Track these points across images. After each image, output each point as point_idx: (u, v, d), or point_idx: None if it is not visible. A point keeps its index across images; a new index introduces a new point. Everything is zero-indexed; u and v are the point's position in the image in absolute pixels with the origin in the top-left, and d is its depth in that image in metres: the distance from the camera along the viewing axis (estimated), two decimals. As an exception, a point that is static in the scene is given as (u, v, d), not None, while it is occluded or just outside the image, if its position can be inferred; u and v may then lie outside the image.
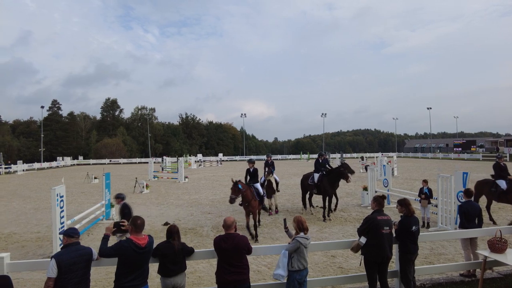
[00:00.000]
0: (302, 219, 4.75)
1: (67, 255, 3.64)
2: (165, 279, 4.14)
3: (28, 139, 74.52)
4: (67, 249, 3.72)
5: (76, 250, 3.74)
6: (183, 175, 26.30)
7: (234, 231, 4.39)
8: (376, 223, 4.81)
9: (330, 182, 11.48)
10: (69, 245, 3.77)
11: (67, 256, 3.62)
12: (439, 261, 7.18)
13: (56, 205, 7.63)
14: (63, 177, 14.20)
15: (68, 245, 3.77)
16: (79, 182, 26.62)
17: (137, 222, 3.99)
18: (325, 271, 6.77)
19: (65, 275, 3.55)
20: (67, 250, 3.72)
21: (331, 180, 11.51)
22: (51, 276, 3.52)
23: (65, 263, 3.56)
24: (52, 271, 3.52)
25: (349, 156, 73.04)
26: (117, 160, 67.09)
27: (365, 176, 22.60)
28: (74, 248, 3.74)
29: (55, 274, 3.51)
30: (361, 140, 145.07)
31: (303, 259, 4.54)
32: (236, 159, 73.44)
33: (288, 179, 26.05)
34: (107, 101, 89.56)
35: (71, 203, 15.09)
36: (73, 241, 3.82)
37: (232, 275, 4.13)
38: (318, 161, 12.21)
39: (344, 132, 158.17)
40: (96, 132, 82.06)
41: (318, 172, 11.93)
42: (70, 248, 3.74)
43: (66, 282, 3.56)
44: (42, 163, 52.05)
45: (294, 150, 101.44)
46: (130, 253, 3.79)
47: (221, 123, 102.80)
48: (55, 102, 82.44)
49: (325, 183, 11.50)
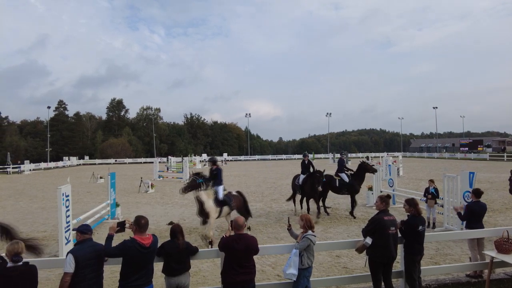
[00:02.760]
0: (309, 218, 4.78)
1: (83, 251, 3.67)
2: (170, 278, 4.16)
3: (35, 139, 75.29)
4: (82, 245, 3.77)
5: (91, 246, 3.79)
6: (188, 175, 26.36)
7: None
8: (383, 223, 4.78)
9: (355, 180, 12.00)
10: (83, 241, 3.81)
11: (83, 251, 3.66)
12: (445, 261, 7.12)
13: (62, 205, 7.69)
14: (69, 176, 14.32)
15: (83, 241, 3.81)
16: (84, 182, 26.81)
17: (141, 221, 3.98)
18: (330, 271, 6.75)
19: (82, 270, 3.58)
20: (82, 245, 3.76)
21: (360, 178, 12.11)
22: (69, 271, 3.53)
23: (82, 258, 3.59)
24: (70, 266, 3.53)
25: (354, 156, 72.66)
26: (122, 160, 67.47)
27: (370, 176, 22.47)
28: (89, 244, 3.80)
29: (72, 269, 3.53)
30: (366, 140, 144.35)
31: (311, 256, 4.62)
32: (240, 159, 73.48)
33: (292, 179, 25.96)
34: (113, 101, 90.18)
35: (77, 203, 15.20)
36: (86, 237, 3.86)
37: (241, 276, 4.14)
38: (303, 162, 12.10)
39: (349, 132, 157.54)
40: (102, 132, 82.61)
41: (304, 174, 11.85)
42: (85, 244, 3.78)
43: (83, 277, 3.58)
44: (49, 163, 52.55)
45: (299, 150, 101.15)
46: (134, 253, 3.79)
47: (225, 123, 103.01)
48: (61, 103, 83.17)
49: (308, 185, 11.41)
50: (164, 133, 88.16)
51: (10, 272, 3.28)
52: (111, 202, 12.04)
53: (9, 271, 3.29)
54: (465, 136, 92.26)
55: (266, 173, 32.82)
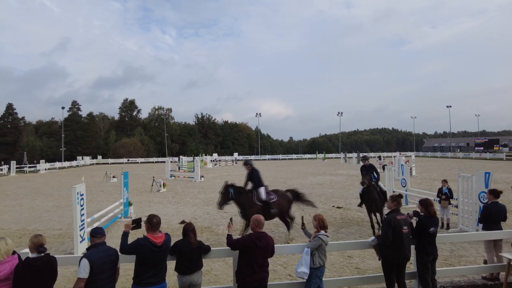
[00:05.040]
0: (323, 218, 4.77)
1: (97, 255, 3.63)
2: (182, 277, 4.20)
3: (50, 139, 76.76)
4: (96, 249, 3.71)
5: (104, 250, 3.74)
6: (199, 174, 26.56)
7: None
8: (397, 222, 4.73)
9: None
10: (97, 245, 3.76)
11: (97, 256, 3.62)
12: (459, 263, 6.99)
13: (76, 203, 7.83)
14: (83, 176, 14.58)
15: (96, 245, 3.76)
16: (98, 181, 27.24)
17: (153, 220, 4.03)
18: (342, 271, 6.71)
19: (96, 276, 3.56)
20: (96, 250, 3.71)
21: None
22: (83, 277, 3.51)
23: (97, 263, 3.56)
24: (84, 271, 3.51)
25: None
26: (134, 159, 68.29)
27: (382, 176, 22.20)
28: (102, 248, 3.75)
29: (87, 275, 3.51)
30: (378, 139, 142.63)
31: (323, 255, 4.60)
32: (251, 158, 73.53)
33: (303, 179, 25.92)
34: (125, 101, 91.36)
35: (91, 202, 15.46)
36: (98, 241, 3.80)
37: (257, 274, 4.14)
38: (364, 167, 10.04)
39: (361, 131, 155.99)
40: (115, 132, 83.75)
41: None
42: (98, 248, 3.73)
43: (95, 283, 3.56)
44: (63, 163, 53.59)
45: (310, 149, 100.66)
46: (146, 251, 3.84)
47: (236, 122, 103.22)
48: (75, 103, 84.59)
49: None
50: (176, 133, 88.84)
51: (33, 262, 3.45)
52: (124, 201, 12.21)
53: (33, 261, 3.46)
54: (480, 135, 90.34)
55: (277, 173, 32.75)
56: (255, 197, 8.25)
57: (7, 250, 3.55)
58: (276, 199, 8.39)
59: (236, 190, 8.25)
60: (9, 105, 77.02)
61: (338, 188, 20.08)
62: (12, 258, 3.57)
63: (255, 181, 8.47)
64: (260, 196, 8.24)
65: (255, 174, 8.57)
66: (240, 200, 8.23)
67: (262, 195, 8.26)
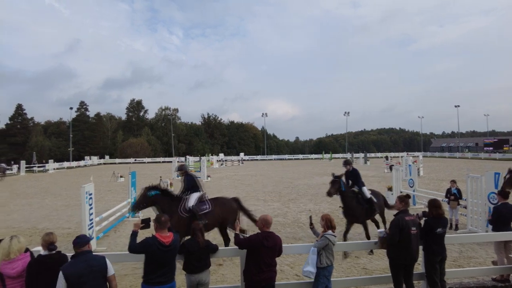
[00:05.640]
0: (330, 218, 4.77)
1: (75, 267, 3.36)
2: (190, 276, 4.23)
3: (58, 139, 77.56)
4: (75, 260, 3.45)
5: (84, 261, 3.42)
6: (206, 174, 26.65)
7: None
8: (405, 223, 4.70)
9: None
10: (78, 255, 3.48)
11: (74, 267, 3.36)
12: (469, 264, 6.92)
13: (85, 203, 7.93)
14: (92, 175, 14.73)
15: (77, 255, 3.50)
16: (105, 181, 27.48)
17: (161, 219, 4.08)
18: (349, 271, 6.68)
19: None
20: (75, 260, 3.44)
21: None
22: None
23: (73, 275, 3.30)
24: (60, 285, 3.29)
25: (373, 156, 71.58)
26: (141, 159, 68.73)
27: (389, 176, 22.10)
28: (83, 258, 3.44)
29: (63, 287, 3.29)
30: (385, 139, 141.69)
31: (331, 255, 4.60)
32: (257, 158, 73.54)
33: (310, 179, 25.85)
34: (132, 102, 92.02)
35: (99, 201, 15.60)
36: (78, 251, 3.51)
37: (264, 274, 4.16)
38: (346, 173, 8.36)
39: (368, 131, 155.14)
40: (122, 132, 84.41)
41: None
42: (79, 258, 3.45)
43: None
44: (71, 162, 54.18)
45: (316, 149, 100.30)
46: (154, 250, 3.88)
47: (242, 123, 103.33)
48: (82, 104, 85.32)
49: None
50: (182, 133, 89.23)
51: (45, 259, 3.56)
52: (132, 201, 12.29)
53: (44, 258, 3.57)
54: (490, 135, 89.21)
55: (283, 173, 32.72)
56: (182, 205, 6.92)
57: (20, 248, 3.62)
58: (210, 209, 7.06)
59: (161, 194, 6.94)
60: (18, 105, 77.94)
61: (345, 188, 19.98)
62: (25, 256, 3.64)
63: (188, 187, 7.34)
64: (187, 204, 6.93)
65: (189, 179, 7.46)
66: (162, 207, 6.81)
67: (190, 203, 6.93)
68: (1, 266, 3.51)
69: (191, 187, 7.33)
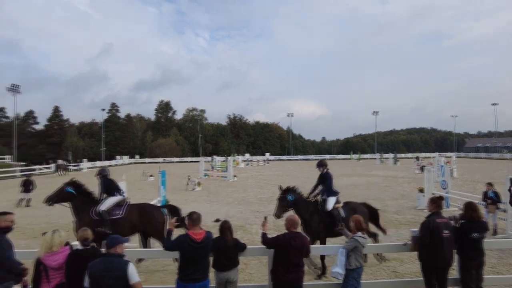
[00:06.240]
0: (360, 219, 4.69)
1: (96, 266, 3.41)
2: (219, 273, 4.30)
3: (91, 139, 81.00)
4: (100, 260, 3.48)
5: (106, 263, 3.42)
6: (232, 173, 26.92)
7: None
8: (436, 225, 4.54)
9: None
10: (105, 255, 3.56)
11: (96, 267, 3.40)
12: (509, 271, 6.57)
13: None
14: (124, 174, 15.25)
15: (104, 255, 3.58)
16: (136, 180, 28.36)
17: (193, 216, 4.20)
18: (378, 274, 6.54)
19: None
20: (100, 260, 3.48)
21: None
22: (84, 286, 3.43)
23: (94, 274, 3.37)
24: (86, 280, 3.41)
25: (403, 156, 69.33)
26: (170, 159, 70.45)
27: (420, 178, 21.35)
28: (106, 260, 3.46)
29: (87, 284, 3.41)
30: (415, 139, 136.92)
31: (360, 257, 4.52)
32: (283, 158, 73.32)
33: (337, 180, 25.37)
34: (161, 103, 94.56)
35: (129, 199, 16.12)
36: (109, 251, 3.53)
37: (292, 274, 4.17)
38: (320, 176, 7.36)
39: (398, 131, 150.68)
40: (151, 133, 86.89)
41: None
42: (104, 259, 3.49)
43: None
44: (103, 162, 56.41)
45: (343, 149, 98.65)
46: (186, 247, 3.98)
47: (267, 123, 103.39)
48: (114, 105, 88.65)
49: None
50: (209, 133, 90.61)
51: (81, 253, 3.79)
52: (162, 199, 12.63)
53: (81, 252, 3.80)
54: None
55: (309, 173, 32.40)
56: (94, 207, 6.68)
57: (61, 241, 3.87)
58: (121, 216, 6.73)
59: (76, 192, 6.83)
60: (55, 108, 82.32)
61: (374, 189, 19.54)
62: (65, 249, 3.88)
63: (103, 190, 7.17)
64: (98, 208, 6.66)
65: (105, 182, 7.29)
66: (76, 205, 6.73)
67: (102, 207, 6.68)
68: (44, 258, 3.77)
69: (107, 190, 7.13)
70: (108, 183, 7.28)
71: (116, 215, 6.73)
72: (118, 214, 6.74)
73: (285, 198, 6.48)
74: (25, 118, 78.97)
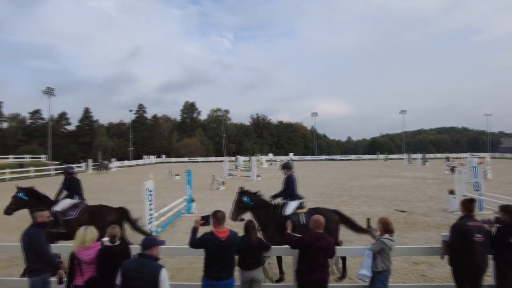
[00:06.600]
0: (388, 221, 4.59)
1: (129, 265, 3.44)
2: (244, 272, 4.35)
3: (119, 139, 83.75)
4: (134, 260, 3.54)
5: (139, 264, 3.39)
6: (256, 173, 27.02)
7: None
8: (467, 229, 4.36)
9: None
10: (139, 256, 3.53)
11: (128, 266, 3.43)
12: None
13: (145, 199, 8.49)
14: (152, 173, 15.69)
15: (139, 255, 3.54)
16: (162, 179, 29.04)
17: (218, 214, 4.26)
18: (406, 277, 6.37)
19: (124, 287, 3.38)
20: (133, 260, 3.53)
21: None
22: (116, 283, 3.44)
23: (126, 273, 3.38)
24: (118, 277, 3.43)
25: (432, 157, 66.91)
26: (195, 158, 71.62)
27: (450, 179, 20.56)
28: (139, 261, 3.43)
29: (119, 282, 3.42)
30: (445, 139, 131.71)
31: (387, 260, 4.43)
32: (307, 158, 72.69)
33: (363, 181, 24.98)
34: (186, 104, 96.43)
35: (156, 198, 16.45)
36: (144, 252, 3.47)
37: (317, 274, 4.16)
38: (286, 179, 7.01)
39: (426, 131, 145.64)
40: (177, 133, 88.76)
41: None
42: (137, 259, 3.49)
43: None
44: (131, 161, 58.18)
45: (370, 150, 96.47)
46: (211, 245, 4.05)
47: (291, 122, 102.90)
48: (141, 106, 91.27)
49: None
50: (232, 133, 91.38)
51: (110, 249, 3.99)
52: (188, 198, 12.89)
53: (110, 248, 4.01)
54: None
55: (334, 174, 32.01)
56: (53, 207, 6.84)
57: (92, 237, 4.08)
58: (74, 217, 6.84)
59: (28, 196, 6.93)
60: (86, 109, 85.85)
61: (402, 191, 19.01)
62: (96, 245, 4.08)
63: (63, 187, 7.27)
64: (53, 208, 6.78)
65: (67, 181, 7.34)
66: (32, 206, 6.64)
67: (57, 207, 6.85)
68: (78, 252, 4.00)
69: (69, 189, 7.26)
70: (71, 182, 7.37)
71: (70, 215, 6.91)
72: (71, 215, 6.92)
73: (241, 200, 6.31)
74: (58, 119, 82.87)
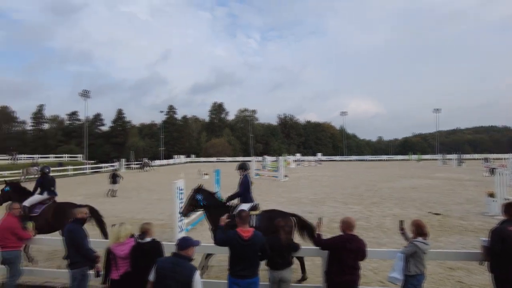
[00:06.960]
0: (421, 224, 4.43)
1: (163, 263, 3.47)
2: (273, 272, 4.36)
3: (151, 139, 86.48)
4: (168, 258, 3.54)
5: (174, 264, 3.38)
6: (283, 173, 26.93)
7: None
8: (508, 234, 4.13)
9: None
10: (174, 255, 3.49)
11: (163, 264, 3.46)
12: None
13: (176, 197, 8.70)
14: (182, 172, 16.08)
15: (174, 254, 3.50)
16: (191, 178, 29.61)
17: (242, 214, 4.31)
18: (441, 283, 6.12)
19: (157, 285, 3.41)
20: (168, 259, 3.55)
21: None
22: (149, 280, 3.49)
23: (160, 271, 3.41)
24: (152, 273, 3.47)
25: (469, 157, 63.66)
26: (223, 158, 72.58)
27: (490, 181, 19.51)
28: (174, 261, 3.41)
29: (152, 278, 3.46)
30: (484, 138, 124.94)
31: (420, 264, 4.28)
32: (335, 159, 71.54)
33: (395, 182, 24.23)
34: (215, 105, 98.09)
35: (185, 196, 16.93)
36: (179, 252, 3.45)
37: (346, 276, 4.11)
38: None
39: (462, 130, 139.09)
40: (206, 133, 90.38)
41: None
42: (172, 258, 3.47)
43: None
44: (162, 160, 59.86)
45: (401, 150, 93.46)
46: (235, 244, 4.10)
47: (319, 122, 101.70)
48: (171, 107, 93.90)
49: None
50: (259, 133, 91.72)
51: (142, 245, 4.12)
52: (216, 197, 13.09)
53: (142, 244, 4.14)
54: None
55: (364, 175, 31.26)
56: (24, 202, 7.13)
57: (127, 234, 4.24)
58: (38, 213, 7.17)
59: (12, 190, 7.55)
60: (119, 110, 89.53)
61: (435, 192, 18.25)
62: (130, 241, 4.24)
63: (37, 186, 7.69)
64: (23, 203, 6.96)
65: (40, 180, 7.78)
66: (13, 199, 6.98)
67: (26, 203, 7.15)
68: (113, 247, 4.18)
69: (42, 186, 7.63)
70: (44, 180, 7.78)
71: (35, 212, 7.20)
72: (36, 212, 7.21)
73: (194, 198, 6.45)
74: (93, 120, 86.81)
